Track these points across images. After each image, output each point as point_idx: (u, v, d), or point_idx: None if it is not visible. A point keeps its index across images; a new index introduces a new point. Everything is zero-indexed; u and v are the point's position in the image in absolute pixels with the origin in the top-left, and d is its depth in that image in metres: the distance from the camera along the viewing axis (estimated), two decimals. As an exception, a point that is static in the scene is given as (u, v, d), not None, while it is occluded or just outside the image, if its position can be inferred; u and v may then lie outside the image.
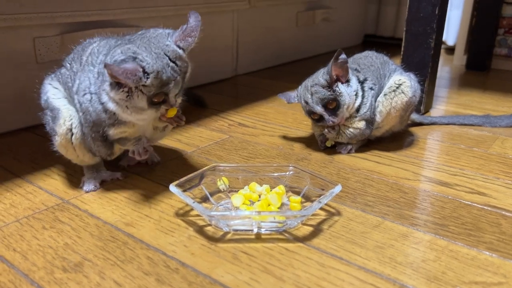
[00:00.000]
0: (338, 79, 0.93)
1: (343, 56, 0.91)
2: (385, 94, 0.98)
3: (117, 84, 0.68)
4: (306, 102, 0.94)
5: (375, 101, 0.98)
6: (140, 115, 0.72)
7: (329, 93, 0.92)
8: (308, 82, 0.96)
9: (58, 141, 0.79)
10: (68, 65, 0.80)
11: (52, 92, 0.80)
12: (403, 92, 0.97)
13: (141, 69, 0.66)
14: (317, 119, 0.96)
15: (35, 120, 1.10)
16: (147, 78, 0.66)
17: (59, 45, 1.11)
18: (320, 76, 0.93)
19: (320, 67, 0.98)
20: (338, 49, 0.90)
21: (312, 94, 0.93)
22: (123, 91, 0.68)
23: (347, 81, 0.94)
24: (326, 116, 0.93)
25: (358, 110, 0.96)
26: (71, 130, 0.77)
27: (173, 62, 0.69)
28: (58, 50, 1.11)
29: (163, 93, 0.70)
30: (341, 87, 0.92)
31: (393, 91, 0.98)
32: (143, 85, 0.67)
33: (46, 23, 1.09)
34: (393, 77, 1.00)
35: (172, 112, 0.75)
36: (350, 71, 0.94)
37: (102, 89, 0.71)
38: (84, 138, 0.78)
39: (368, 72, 0.99)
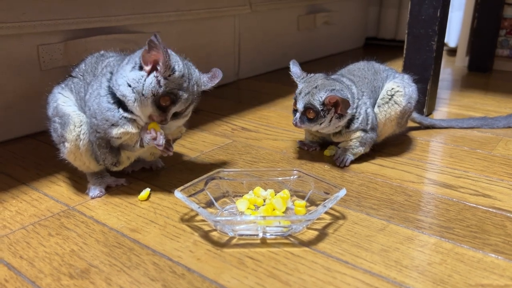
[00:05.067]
0: (335, 109, 0.91)
1: (350, 107, 0.90)
2: (379, 106, 0.98)
3: (139, 67, 0.75)
4: (300, 93, 0.93)
5: (372, 111, 0.97)
6: (141, 107, 0.75)
7: (320, 108, 0.90)
8: (319, 81, 0.92)
9: (67, 148, 0.80)
10: (81, 76, 0.84)
11: (62, 100, 0.82)
12: (396, 103, 0.97)
13: (174, 66, 0.75)
14: (294, 108, 0.94)
15: (39, 127, 1.12)
16: (173, 73, 0.74)
17: (62, 52, 1.12)
18: (328, 92, 0.89)
19: (321, 71, 0.98)
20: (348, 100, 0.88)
21: (309, 92, 0.91)
22: (142, 74, 0.74)
23: (341, 115, 0.91)
24: (298, 116, 0.92)
25: (348, 126, 0.94)
26: (79, 136, 0.79)
27: (194, 83, 0.78)
28: (62, 57, 1.12)
29: (171, 100, 0.75)
30: (331, 115, 0.91)
31: (386, 103, 0.97)
32: (165, 77, 0.73)
33: (49, 30, 1.09)
34: (386, 86, 0.99)
35: (153, 125, 0.78)
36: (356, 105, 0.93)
37: (119, 73, 0.76)
38: (91, 146, 0.80)
39: (363, 85, 0.98)
